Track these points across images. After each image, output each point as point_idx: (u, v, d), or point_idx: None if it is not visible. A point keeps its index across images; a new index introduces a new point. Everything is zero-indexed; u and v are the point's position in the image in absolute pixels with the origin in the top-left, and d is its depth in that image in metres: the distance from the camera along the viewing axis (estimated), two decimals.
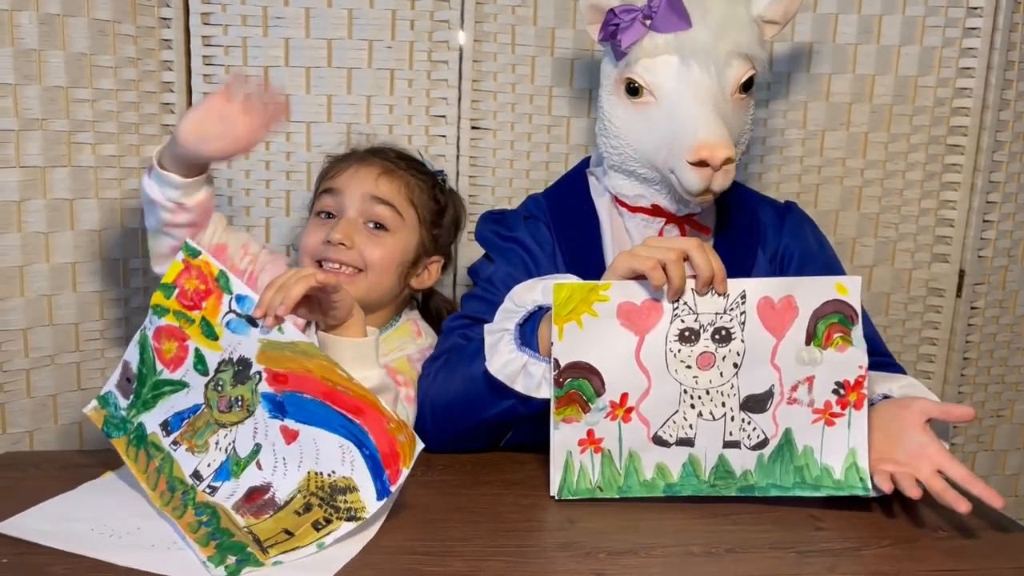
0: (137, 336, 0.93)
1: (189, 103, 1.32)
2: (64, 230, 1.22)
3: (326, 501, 0.82)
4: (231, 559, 0.75)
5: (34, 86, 1.17)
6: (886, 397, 0.95)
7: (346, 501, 0.81)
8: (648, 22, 1.01)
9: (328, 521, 0.80)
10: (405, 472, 0.82)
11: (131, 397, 0.93)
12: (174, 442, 0.89)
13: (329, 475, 0.83)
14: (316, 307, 0.91)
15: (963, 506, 0.83)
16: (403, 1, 1.32)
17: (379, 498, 0.81)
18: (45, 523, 0.80)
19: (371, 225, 1.11)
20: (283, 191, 1.36)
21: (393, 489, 0.81)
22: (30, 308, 1.21)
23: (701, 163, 0.97)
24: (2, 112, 1.15)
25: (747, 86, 1.05)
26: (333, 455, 0.83)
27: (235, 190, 1.35)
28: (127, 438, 0.91)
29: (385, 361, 1.07)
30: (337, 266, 1.09)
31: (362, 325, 0.93)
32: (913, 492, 0.84)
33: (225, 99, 1.00)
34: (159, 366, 0.92)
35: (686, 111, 1.00)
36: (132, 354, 0.93)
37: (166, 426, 0.90)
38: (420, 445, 0.83)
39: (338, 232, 1.08)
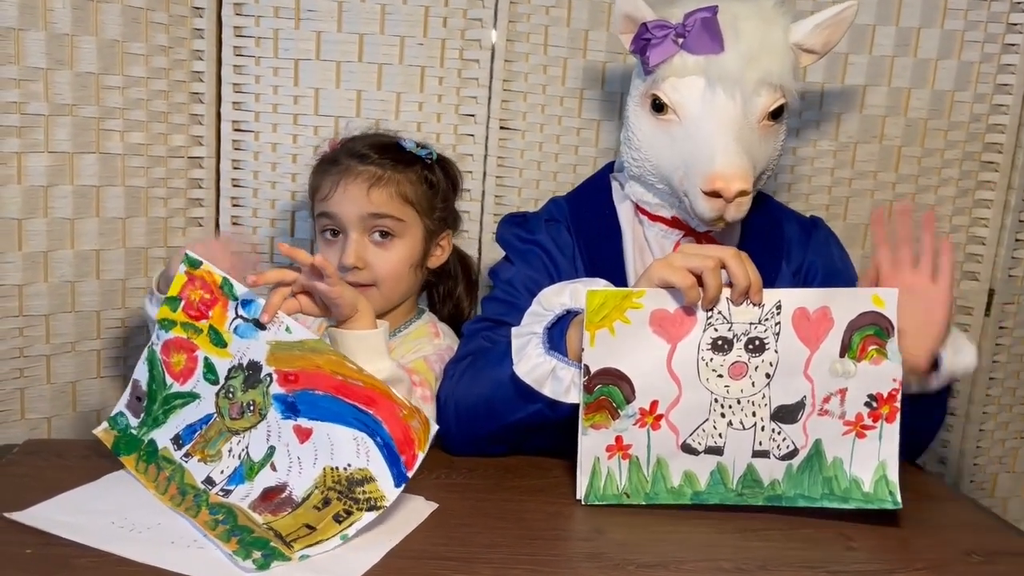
0: (145, 353, 0.93)
1: (218, 94, 1.31)
2: (90, 216, 1.22)
3: (344, 494, 0.81)
4: (257, 553, 0.74)
5: (65, 71, 1.16)
6: None
7: (364, 492, 0.81)
8: (680, 40, 1.00)
9: (349, 513, 0.80)
10: (421, 456, 0.82)
11: (142, 415, 0.93)
12: (186, 455, 0.89)
13: (345, 468, 0.82)
14: (320, 305, 0.91)
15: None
16: None
17: (396, 485, 0.81)
18: (65, 514, 0.79)
19: (377, 235, 1.11)
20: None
21: (410, 474, 0.81)
22: (53, 294, 1.20)
23: (714, 193, 0.96)
24: (32, 96, 1.14)
25: (776, 114, 1.03)
26: (348, 448, 0.83)
27: (260, 183, 1.35)
28: (137, 455, 0.90)
29: (402, 363, 1.06)
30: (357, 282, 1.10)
31: (371, 318, 0.93)
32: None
33: (222, 245, 1.00)
34: (169, 380, 0.92)
35: (706, 137, 0.98)
36: (141, 372, 0.93)
37: (177, 440, 0.90)
38: (435, 427, 0.83)
39: (350, 257, 1.08)
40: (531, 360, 0.94)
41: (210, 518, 0.80)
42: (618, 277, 1.07)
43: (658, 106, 1.03)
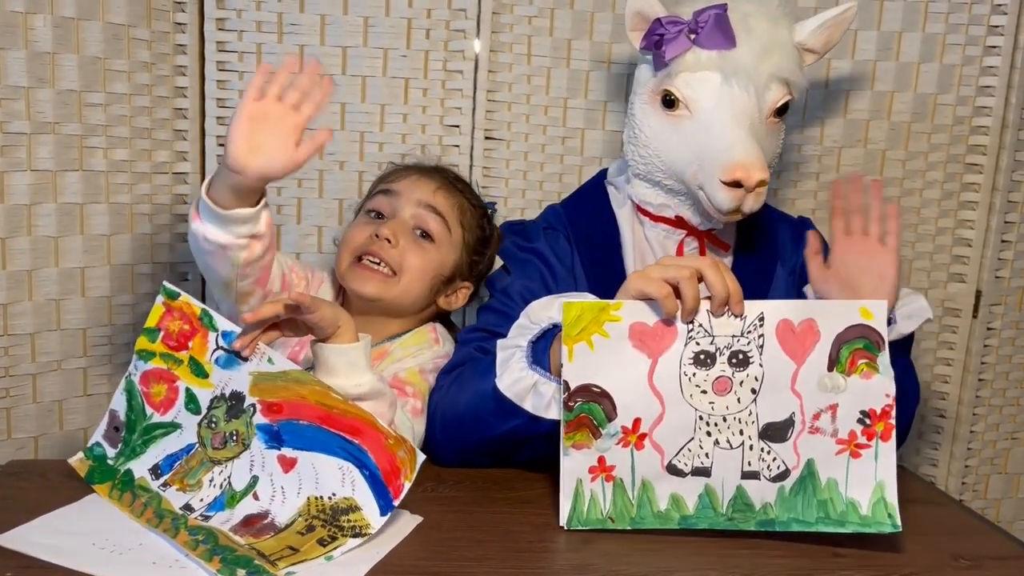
0: (123, 383, 0.93)
1: (202, 109, 1.31)
2: (74, 234, 1.21)
3: (329, 522, 0.81)
4: (241, 571, 0.74)
5: (47, 89, 1.16)
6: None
7: (349, 520, 0.81)
8: (693, 36, 1.01)
9: (333, 538, 0.80)
10: (407, 485, 0.81)
11: (120, 445, 0.92)
12: (164, 484, 0.88)
13: (330, 498, 0.82)
14: (301, 328, 0.90)
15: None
16: (419, 10, 1.31)
17: (383, 514, 0.81)
18: (47, 536, 0.79)
19: (419, 232, 1.12)
20: (294, 198, 1.35)
21: (396, 503, 0.81)
22: (38, 312, 1.20)
23: (735, 183, 0.96)
24: (14, 115, 1.14)
25: (782, 111, 1.05)
26: (333, 478, 0.83)
27: None
28: (111, 483, 0.89)
29: (397, 368, 1.06)
30: (376, 262, 1.09)
31: (352, 332, 0.91)
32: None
33: (259, 100, 0.90)
34: (149, 410, 0.91)
35: (722, 130, 1.00)
36: (119, 402, 0.93)
37: (156, 470, 0.89)
38: (421, 457, 0.83)
39: (387, 228, 1.09)
40: (513, 374, 0.93)
41: (190, 539, 0.79)
42: (619, 283, 1.06)
43: (669, 102, 1.04)
